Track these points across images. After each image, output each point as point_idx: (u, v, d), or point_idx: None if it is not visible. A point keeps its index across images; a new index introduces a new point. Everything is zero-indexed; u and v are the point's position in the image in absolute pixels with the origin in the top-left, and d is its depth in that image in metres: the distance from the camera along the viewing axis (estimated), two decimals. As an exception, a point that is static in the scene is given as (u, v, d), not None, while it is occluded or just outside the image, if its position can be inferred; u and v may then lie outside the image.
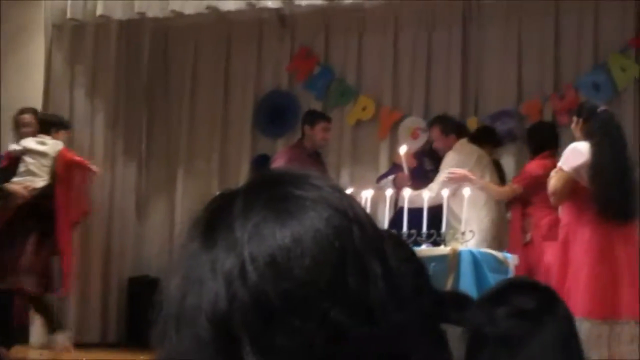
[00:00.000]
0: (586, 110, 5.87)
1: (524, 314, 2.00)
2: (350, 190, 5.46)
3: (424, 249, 6.02)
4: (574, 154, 5.71)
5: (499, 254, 6.40)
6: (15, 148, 7.79)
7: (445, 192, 6.59)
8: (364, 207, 0.94)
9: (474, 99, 8.90)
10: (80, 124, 9.05)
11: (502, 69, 8.76)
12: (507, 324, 1.98)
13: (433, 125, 7.65)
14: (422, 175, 7.48)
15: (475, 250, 6.18)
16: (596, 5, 8.47)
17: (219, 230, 0.88)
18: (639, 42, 8.29)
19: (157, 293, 0.90)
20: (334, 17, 9.34)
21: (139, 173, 9.82)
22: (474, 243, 6.46)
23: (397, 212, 6.99)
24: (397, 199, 7.06)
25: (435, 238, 6.30)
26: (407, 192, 6.67)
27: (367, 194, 6.69)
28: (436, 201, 6.66)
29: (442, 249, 6.14)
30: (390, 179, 7.54)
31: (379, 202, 7.23)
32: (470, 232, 6.39)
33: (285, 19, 9.49)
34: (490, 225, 7.24)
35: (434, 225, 6.39)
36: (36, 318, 8.59)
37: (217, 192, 0.97)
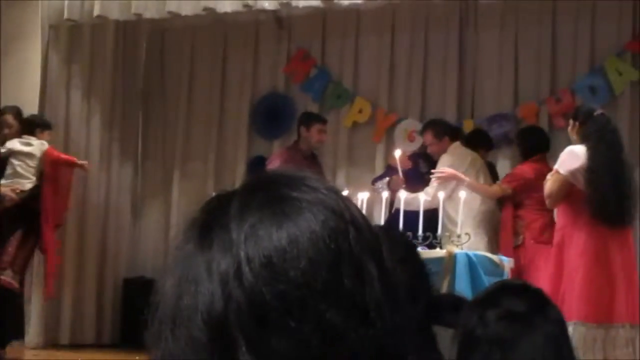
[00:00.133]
0: (583, 113, 5.87)
1: (514, 316, 2.00)
2: (346, 192, 5.46)
3: (419, 252, 6.01)
4: (570, 157, 5.71)
5: (494, 257, 6.42)
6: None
7: (441, 195, 6.60)
8: (360, 209, 0.94)
9: (471, 102, 8.90)
10: (77, 124, 9.05)
11: (498, 72, 8.76)
12: (497, 326, 1.99)
13: (426, 130, 7.66)
14: (417, 178, 7.48)
15: (470, 253, 6.18)
16: (593, 8, 8.47)
17: (215, 231, 0.88)
18: (635, 46, 8.29)
19: (153, 294, 0.90)
20: (330, 19, 9.34)
21: (134, 174, 9.81)
22: (469, 246, 6.46)
23: (392, 214, 6.99)
24: (393, 201, 7.06)
25: (431, 241, 6.30)
26: (403, 195, 6.67)
27: (363, 196, 6.70)
28: (432, 204, 6.67)
29: (438, 252, 6.14)
30: (385, 181, 7.54)
31: (374, 204, 7.23)
32: (466, 234, 6.40)
33: (282, 20, 9.48)
34: (486, 228, 7.24)
35: (429, 227, 6.40)
36: (31, 318, 8.59)
37: (213, 194, 0.97)
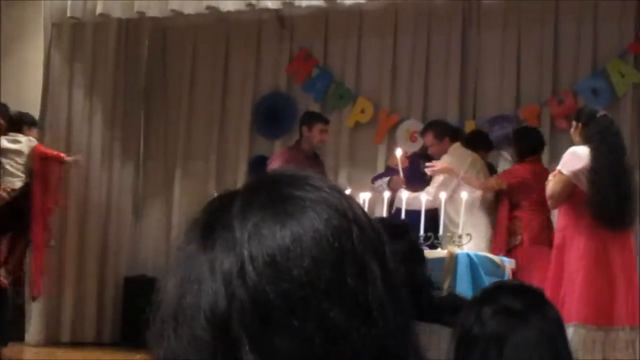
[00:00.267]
0: (585, 115, 5.86)
1: (510, 312, 2.00)
2: (348, 192, 5.45)
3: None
4: (573, 158, 5.70)
5: (495, 257, 6.42)
6: None
7: (442, 196, 6.60)
8: (363, 208, 0.94)
9: (472, 103, 8.89)
10: (79, 123, 9.05)
11: (500, 73, 8.76)
12: (493, 322, 1.99)
13: (426, 131, 7.65)
14: (418, 178, 7.48)
15: (472, 254, 6.18)
16: (595, 10, 8.47)
17: (217, 231, 0.88)
18: (638, 48, 8.29)
19: (154, 293, 0.90)
20: (333, 19, 9.34)
21: (136, 173, 9.81)
22: (470, 246, 6.46)
23: (393, 214, 6.99)
24: (393, 201, 7.06)
25: (433, 241, 6.30)
26: (404, 194, 6.67)
27: (364, 196, 6.70)
28: (434, 204, 6.68)
29: (439, 252, 6.15)
30: (386, 181, 7.54)
31: (376, 203, 7.23)
32: (467, 235, 6.40)
33: (285, 20, 9.48)
34: (487, 228, 7.24)
35: (430, 228, 6.40)
36: (32, 316, 8.59)
37: (215, 193, 0.97)
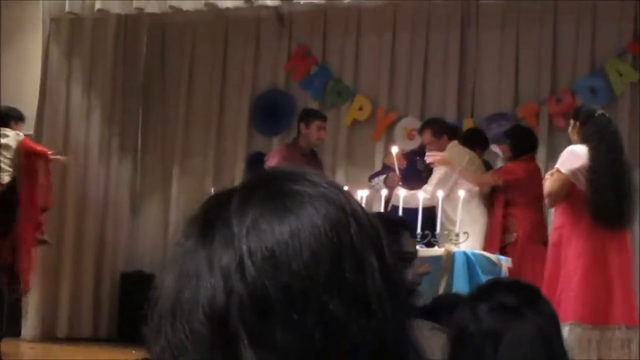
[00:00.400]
0: (583, 113, 5.86)
1: (505, 308, 2.00)
2: (346, 189, 5.45)
3: (418, 250, 6.03)
4: (572, 157, 5.70)
5: (492, 256, 6.42)
6: None
7: (440, 194, 6.60)
8: (360, 203, 0.94)
9: (471, 101, 8.90)
10: (76, 118, 9.05)
11: (499, 72, 8.76)
12: (489, 319, 1.99)
13: (424, 128, 7.65)
14: (414, 175, 7.49)
15: (468, 252, 6.19)
16: (594, 9, 8.47)
17: (216, 227, 0.88)
18: (636, 47, 8.29)
19: (152, 289, 0.90)
20: (332, 16, 9.33)
21: (134, 169, 9.81)
22: (467, 244, 6.47)
23: (389, 212, 6.99)
24: (390, 199, 7.07)
25: (430, 239, 6.31)
26: (402, 192, 6.68)
27: (362, 194, 6.71)
28: (431, 202, 6.68)
29: (436, 250, 6.15)
30: (382, 179, 7.54)
31: (374, 201, 7.23)
32: (464, 233, 6.40)
33: (284, 17, 9.48)
34: (484, 226, 7.24)
35: (427, 225, 6.40)
36: (28, 311, 8.59)
37: (212, 190, 0.97)
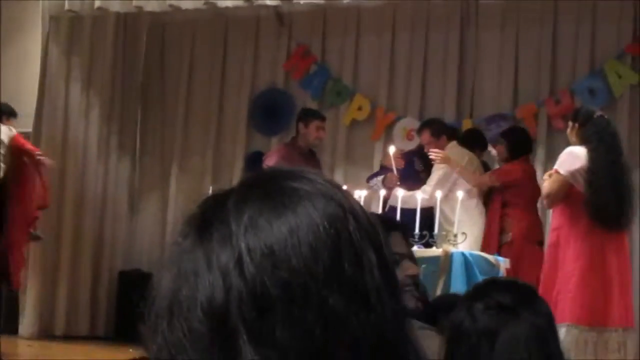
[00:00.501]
0: (582, 115, 5.86)
1: (501, 307, 2.01)
2: (345, 188, 5.46)
3: (416, 250, 6.04)
4: (570, 158, 5.70)
5: (490, 257, 6.43)
6: None
7: (438, 194, 6.61)
8: (358, 201, 0.95)
9: (470, 102, 8.90)
10: (75, 117, 9.04)
11: (498, 73, 8.76)
12: (485, 317, 2.00)
13: (423, 129, 7.66)
14: (412, 176, 7.49)
15: (466, 252, 6.19)
16: (594, 11, 8.47)
17: (213, 225, 0.89)
18: (635, 49, 8.30)
19: (149, 288, 0.90)
20: (331, 16, 9.34)
21: (132, 168, 9.81)
22: (465, 245, 6.47)
23: (387, 212, 6.99)
24: (388, 199, 7.07)
25: (428, 239, 6.31)
26: (400, 192, 6.68)
27: (361, 194, 6.71)
28: (429, 203, 6.69)
29: (434, 251, 6.15)
30: (380, 179, 7.55)
31: (372, 201, 7.24)
32: (462, 234, 6.40)
33: (283, 16, 9.48)
34: (480, 227, 7.24)
35: (425, 226, 6.40)
36: (25, 308, 8.59)
37: (211, 189, 0.97)
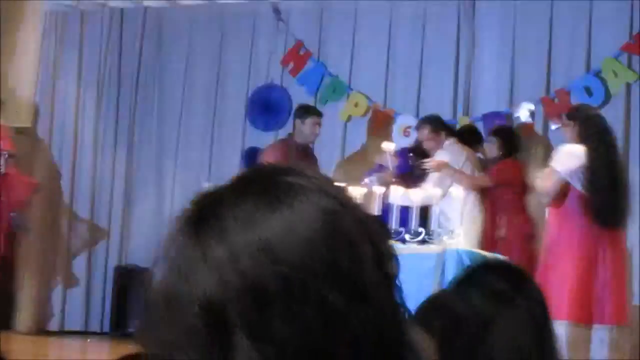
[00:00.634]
0: (581, 114, 5.86)
1: (496, 294, 2.00)
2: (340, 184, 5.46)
3: (412, 247, 6.03)
4: (568, 156, 5.68)
5: (487, 254, 6.41)
6: None
7: (437, 192, 6.60)
8: (353, 196, 0.95)
9: (466, 100, 8.90)
10: (71, 109, 9.03)
11: (495, 71, 8.76)
12: (479, 304, 1.99)
13: (423, 125, 7.66)
14: (407, 172, 7.50)
15: (462, 250, 6.18)
16: (590, 10, 8.47)
17: (209, 221, 0.88)
18: (631, 48, 8.30)
19: (145, 284, 0.90)
20: (328, 12, 9.33)
21: (128, 162, 9.78)
22: (463, 243, 6.47)
23: (383, 209, 6.98)
24: (384, 196, 7.06)
25: (424, 237, 6.30)
26: (398, 190, 6.67)
27: (357, 191, 6.69)
28: (428, 200, 6.68)
29: (430, 248, 6.15)
30: (376, 176, 7.55)
31: (368, 198, 7.23)
32: (458, 231, 6.40)
33: (280, 12, 9.47)
34: (479, 225, 7.25)
35: (421, 224, 6.40)
36: (22, 304, 8.58)
37: (207, 184, 0.97)
